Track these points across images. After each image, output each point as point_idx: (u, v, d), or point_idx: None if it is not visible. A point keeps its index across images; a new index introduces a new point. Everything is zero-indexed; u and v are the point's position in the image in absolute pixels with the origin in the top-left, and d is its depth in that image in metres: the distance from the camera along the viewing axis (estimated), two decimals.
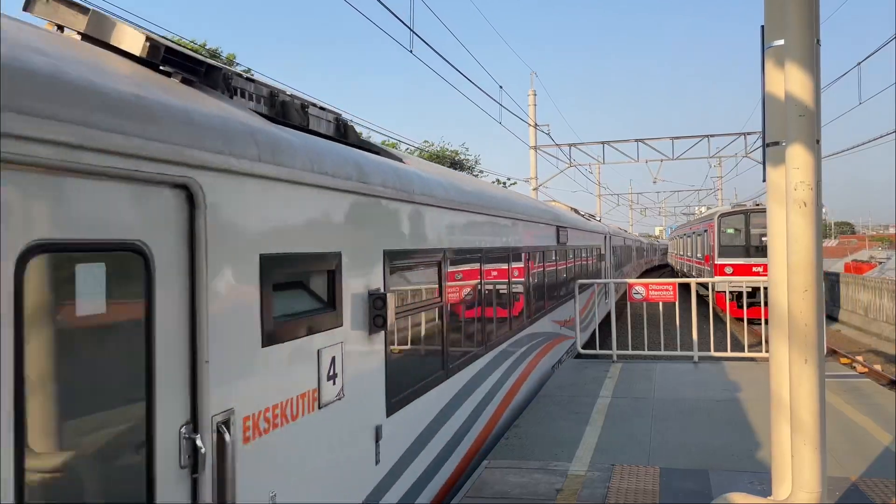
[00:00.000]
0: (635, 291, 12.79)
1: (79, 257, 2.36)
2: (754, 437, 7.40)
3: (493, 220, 8.05)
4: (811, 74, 3.88)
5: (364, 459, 4.40)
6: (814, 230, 3.89)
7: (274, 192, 3.43)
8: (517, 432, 7.81)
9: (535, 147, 31.09)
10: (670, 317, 14.18)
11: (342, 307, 4.11)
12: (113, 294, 2.48)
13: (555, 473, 6.42)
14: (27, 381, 2.11)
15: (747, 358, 12.67)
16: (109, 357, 2.52)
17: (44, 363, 2.22)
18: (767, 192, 4.25)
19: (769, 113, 4.20)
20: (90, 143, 2.30)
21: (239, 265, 3.14)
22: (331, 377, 3.95)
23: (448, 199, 6.30)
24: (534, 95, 30.62)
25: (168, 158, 2.66)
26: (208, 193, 2.89)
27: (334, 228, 4.08)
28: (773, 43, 4.15)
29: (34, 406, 2.15)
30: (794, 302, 3.91)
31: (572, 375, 11.07)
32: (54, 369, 2.27)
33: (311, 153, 3.84)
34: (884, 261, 45.69)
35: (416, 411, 5.38)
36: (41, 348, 2.21)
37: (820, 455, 3.94)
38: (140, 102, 2.62)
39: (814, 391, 3.90)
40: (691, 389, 9.83)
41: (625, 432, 7.73)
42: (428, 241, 5.75)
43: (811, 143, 3.89)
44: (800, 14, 3.85)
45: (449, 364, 6.21)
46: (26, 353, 2.11)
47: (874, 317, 25.87)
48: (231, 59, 35.52)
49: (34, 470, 2.16)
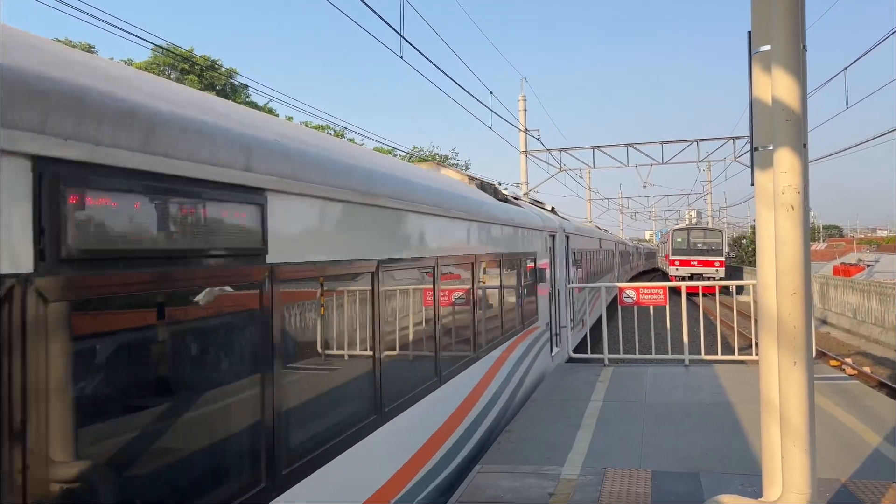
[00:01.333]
0: (626, 295, 12.84)
1: None
2: (745, 439, 7.44)
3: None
4: (797, 79, 3.92)
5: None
6: (801, 233, 3.93)
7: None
8: (509, 437, 7.82)
9: (525, 152, 31.19)
10: (661, 320, 14.23)
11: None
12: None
13: (547, 478, 6.42)
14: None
15: (737, 361, 12.73)
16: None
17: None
18: (756, 196, 4.28)
19: (756, 117, 4.24)
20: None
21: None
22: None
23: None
24: (524, 101, 30.75)
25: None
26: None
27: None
28: (759, 49, 4.19)
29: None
30: (782, 304, 3.94)
31: (564, 379, 11.09)
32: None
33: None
34: (871, 263, 46.09)
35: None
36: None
37: (809, 457, 3.97)
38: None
39: (803, 393, 3.93)
40: (682, 393, 9.87)
41: (616, 436, 7.75)
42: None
43: (798, 147, 3.93)
44: (785, 20, 3.90)
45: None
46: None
47: (863, 319, 26.06)
48: (233, 72, 35.51)
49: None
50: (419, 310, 6.06)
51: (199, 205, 2.98)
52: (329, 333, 4.39)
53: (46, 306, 2.27)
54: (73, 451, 2.46)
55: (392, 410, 5.18)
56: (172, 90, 3.26)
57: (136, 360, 2.89)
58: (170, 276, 2.84)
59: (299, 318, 3.98)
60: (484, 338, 8.11)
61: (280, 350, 3.58)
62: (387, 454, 5.12)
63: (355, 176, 4.65)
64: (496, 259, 8.75)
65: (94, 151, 2.44)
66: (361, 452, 4.62)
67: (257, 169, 3.38)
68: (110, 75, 2.78)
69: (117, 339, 2.75)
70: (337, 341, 4.47)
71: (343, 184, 4.40)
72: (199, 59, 33.31)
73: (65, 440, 2.40)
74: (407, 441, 5.54)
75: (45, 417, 2.27)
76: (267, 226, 3.49)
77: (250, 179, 3.31)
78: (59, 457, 2.35)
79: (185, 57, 30.93)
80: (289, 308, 3.78)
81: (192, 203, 2.95)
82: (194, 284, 3.03)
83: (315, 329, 4.22)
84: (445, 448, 6.51)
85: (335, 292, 4.46)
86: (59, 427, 2.35)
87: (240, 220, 3.29)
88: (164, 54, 30.83)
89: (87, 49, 31.62)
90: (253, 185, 3.34)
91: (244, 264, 3.31)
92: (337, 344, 4.45)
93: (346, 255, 4.47)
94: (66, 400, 2.39)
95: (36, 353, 2.23)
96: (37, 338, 2.23)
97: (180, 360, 3.10)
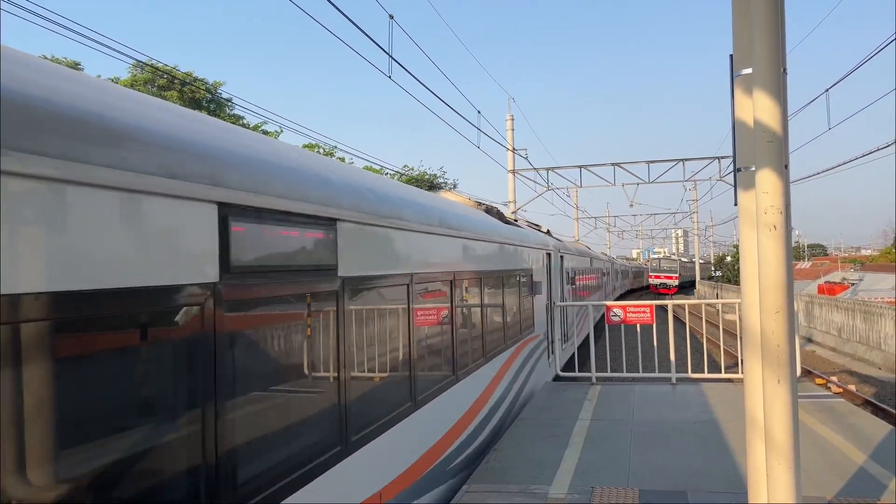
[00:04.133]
0: (613, 314, 12.90)
1: None
2: (732, 457, 7.46)
3: None
4: (778, 102, 3.99)
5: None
6: (784, 252, 3.98)
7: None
8: (497, 455, 7.79)
9: (513, 171, 31.34)
10: (648, 339, 14.29)
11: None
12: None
13: (535, 497, 6.41)
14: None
15: (724, 379, 12.80)
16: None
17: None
18: (739, 216, 4.34)
19: (739, 139, 4.31)
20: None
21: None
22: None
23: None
24: (511, 120, 30.95)
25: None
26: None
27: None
28: (741, 71, 4.27)
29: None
30: (766, 323, 3.98)
31: (552, 398, 11.09)
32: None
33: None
34: (856, 282, 46.52)
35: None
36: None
37: (794, 475, 4.00)
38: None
39: (787, 411, 3.96)
40: (669, 411, 9.90)
41: (604, 454, 7.75)
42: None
43: (780, 168, 3.99)
44: (766, 44, 3.98)
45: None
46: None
47: (847, 337, 26.25)
48: (218, 85, 35.63)
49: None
50: (443, 314, 7.22)
51: (304, 232, 4.15)
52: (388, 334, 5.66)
53: (226, 305, 3.27)
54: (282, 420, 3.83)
55: (459, 376, 7.57)
56: (280, 148, 4.40)
57: (285, 345, 3.97)
58: (302, 283, 4.05)
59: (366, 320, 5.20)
60: (504, 332, 10.06)
61: (351, 343, 4.81)
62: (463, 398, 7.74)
63: (404, 207, 6.01)
64: (503, 274, 10.03)
65: (251, 197, 3.48)
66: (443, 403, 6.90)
67: (330, 203, 4.51)
68: (257, 142, 4.04)
69: (268, 332, 3.79)
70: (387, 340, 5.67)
71: (389, 213, 5.58)
72: (179, 75, 33.29)
73: (260, 414, 3.58)
74: (475, 390, 8.25)
75: (243, 388, 3.41)
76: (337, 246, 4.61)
77: (326, 212, 4.42)
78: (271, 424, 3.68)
79: (164, 72, 30.98)
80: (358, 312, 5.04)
81: (303, 230, 4.12)
82: (308, 290, 4.19)
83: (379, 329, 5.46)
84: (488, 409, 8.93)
85: (385, 298, 5.64)
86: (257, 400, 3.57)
87: (319, 242, 4.42)
88: (142, 71, 30.93)
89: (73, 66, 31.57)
90: (327, 216, 4.44)
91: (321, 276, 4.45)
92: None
93: (388, 270, 5.61)
94: (252, 378, 3.54)
95: (222, 341, 3.20)
96: (223, 330, 3.21)
97: (311, 344, 4.27)
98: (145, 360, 2.84)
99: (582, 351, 15.36)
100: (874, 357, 23.04)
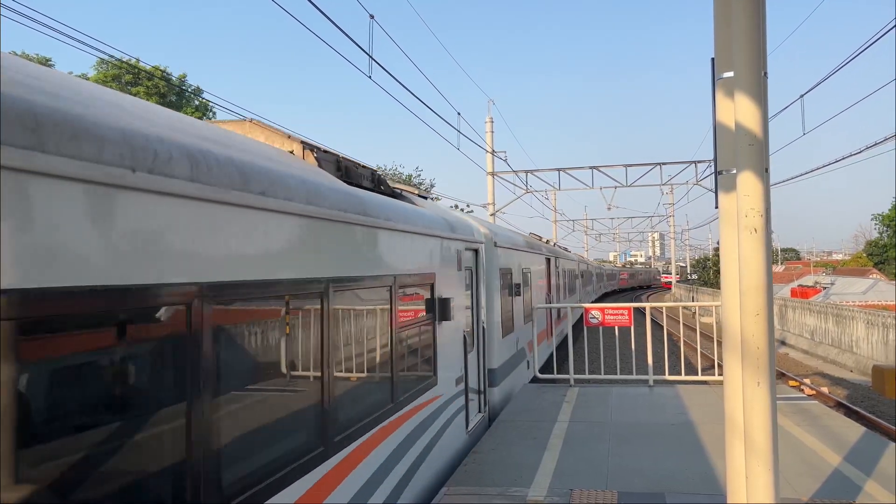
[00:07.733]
0: (591, 316, 12.94)
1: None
2: (709, 459, 7.51)
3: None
4: (759, 105, 4.01)
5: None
6: (764, 255, 4.00)
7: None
8: (476, 458, 7.76)
9: (492, 173, 31.41)
10: (626, 341, 14.35)
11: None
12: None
13: (514, 499, 6.39)
14: None
15: (700, 381, 12.89)
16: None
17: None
18: (720, 219, 4.35)
19: (720, 142, 4.33)
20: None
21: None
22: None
23: None
24: (491, 122, 31.01)
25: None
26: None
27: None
28: (722, 75, 4.28)
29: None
30: (746, 325, 3.99)
31: (530, 400, 11.09)
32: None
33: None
34: (828, 286, 47.25)
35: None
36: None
37: (773, 476, 4.01)
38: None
39: (766, 413, 3.97)
40: (647, 413, 9.94)
41: (582, 457, 7.75)
42: None
43: (760, 171, 4.01)
44: (747, 48, 3.99)
45: None
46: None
47: (820, 340, 26.65)
48: (182, 78, 35.42)
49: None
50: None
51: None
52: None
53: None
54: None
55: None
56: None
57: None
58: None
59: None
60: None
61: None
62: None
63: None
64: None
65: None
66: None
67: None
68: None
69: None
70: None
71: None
72: (142, 68, 33.14)
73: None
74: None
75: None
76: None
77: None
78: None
79: (129, 67, 30.82)
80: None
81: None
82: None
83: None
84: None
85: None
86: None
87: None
88: (107, 67, 30.72)
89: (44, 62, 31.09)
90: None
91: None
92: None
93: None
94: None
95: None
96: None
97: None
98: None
99: (560, 352, 15.37)
100: (846, 360, 23.41)
